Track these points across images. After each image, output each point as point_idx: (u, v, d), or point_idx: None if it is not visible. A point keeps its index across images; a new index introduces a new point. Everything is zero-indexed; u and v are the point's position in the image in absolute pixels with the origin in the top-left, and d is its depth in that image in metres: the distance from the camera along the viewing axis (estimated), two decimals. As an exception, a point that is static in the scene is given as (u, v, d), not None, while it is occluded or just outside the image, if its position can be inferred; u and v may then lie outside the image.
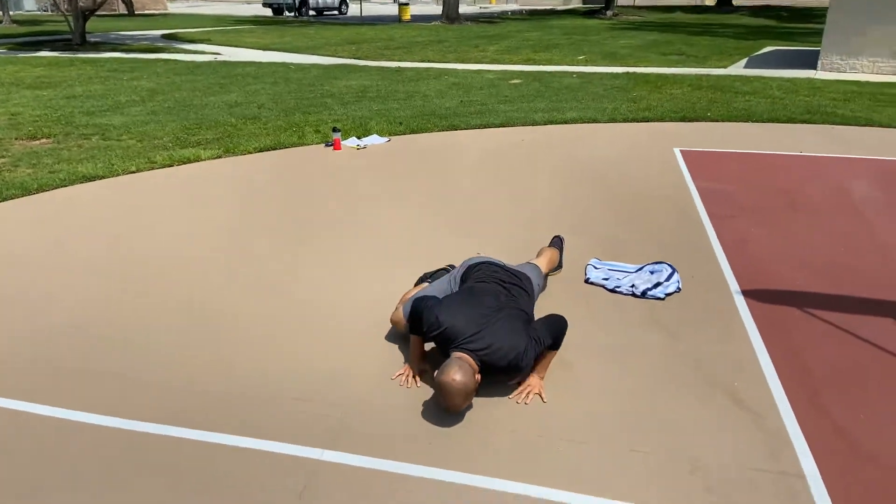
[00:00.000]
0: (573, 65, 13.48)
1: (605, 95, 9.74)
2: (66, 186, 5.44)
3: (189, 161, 6.24)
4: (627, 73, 12.03)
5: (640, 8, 40.19)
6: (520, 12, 39.36)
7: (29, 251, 4.20)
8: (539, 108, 8.80)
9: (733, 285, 3.71)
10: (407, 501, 2.16)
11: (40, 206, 5.03)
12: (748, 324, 3.28)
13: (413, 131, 7.51)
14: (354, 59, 14.79)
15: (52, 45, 16.45)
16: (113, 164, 5.98)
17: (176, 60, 14.04)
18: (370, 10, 40.82)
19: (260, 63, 13.78)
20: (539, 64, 13.71)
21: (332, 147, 6.75)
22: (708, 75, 11.59)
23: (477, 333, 2.62)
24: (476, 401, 2.67)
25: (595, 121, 8.13)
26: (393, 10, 39.16)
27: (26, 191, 5.27)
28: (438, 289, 3.11)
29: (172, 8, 41.61)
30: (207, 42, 18.22)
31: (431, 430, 2.51)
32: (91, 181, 5.61)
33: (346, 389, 2.75)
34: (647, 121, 8.14)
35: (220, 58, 14.68)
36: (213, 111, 8.64)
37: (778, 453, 2.36)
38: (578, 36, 20.17)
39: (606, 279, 3.71)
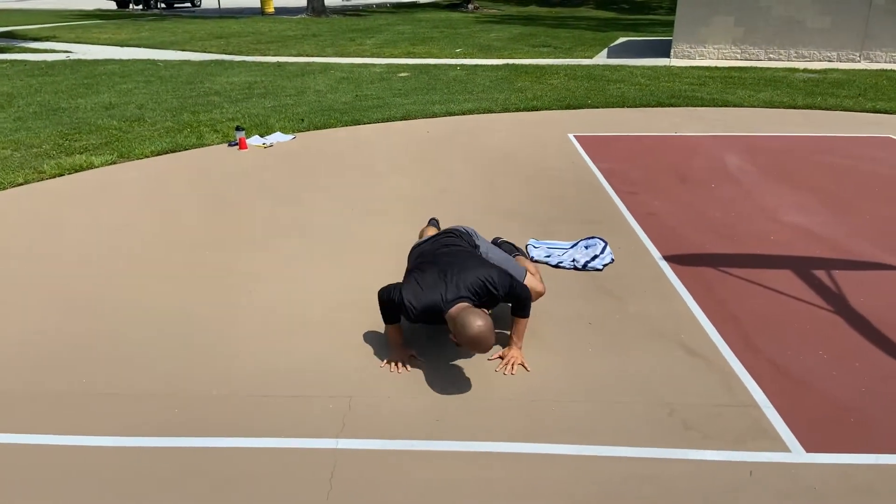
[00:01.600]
0: (452, 57, 13.85)
1: (493, 87, 10.16)
2: (-56, 203, 4.87)
3: (81, 168, 5.79)
4: (507, 64, 12.58)
5: (496, 1, 41.70)
6: (385, 5, 39.41)
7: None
8: (434, 100, 9.02)
9: (655, 252, 4.16)
10: (427, 473, 2.29)
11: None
12: (677, 284, 3.71)
13: (317, 127, 7.44)
14: (226, 54, 14.19)
15: None
16: (-6, 177, 5.43)
17: (24, 61, 12.71)
18: (227, 2, 38.96)
19: (122, 60, 12.84)
20: (420, 57, 13.93)
21: (237, 147, 6.54)
22: (579, 65, 12.42)
23: (454, 289, 2.77)
24: (467, 378, 2.84)
25: (490, 111, 8.49)
26: (252, 2, 37.66)
27: None
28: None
29: (-6, 1, 37.15)
30: (54, 39, 16.61)
31: (433, 408, 2.64)
32: (-28, 196, 5.07)
33: (339, 381, 2.81)
34: (537, 109, 8.63)
35: (72, 56, 13.48)
36: (87, 114, 8.00)
37: (732, 389, 2.75)
38: (449, 29, 20.65)
39: (548, 256, 4.01)
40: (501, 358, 2.95)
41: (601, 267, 3.89)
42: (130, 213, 4.80)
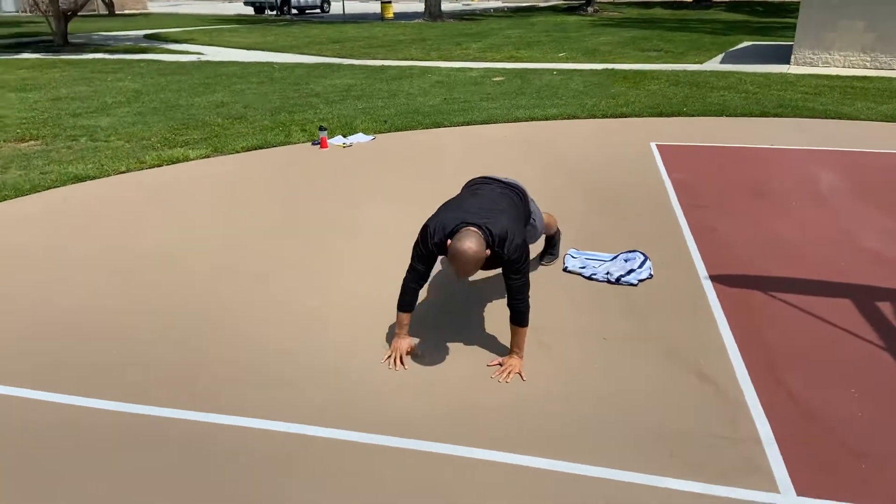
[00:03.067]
0: (554, 62, 13.70)
1: (585, 92, 9.96)
2: (58, 187, 5.55)
3: (178, 161, 6.37)
4: (607, 69, 12.27)
5: (619, 4, 40.56)
6: (502, 9, 39.59)
7: (27, 249, 4.33)
8: (521, 104, 9.00)
9: (702, 271, 3.94)
10: (400, 472, 2.35)
11: (34, 206, 5.14)
12: (714, 305, 3.50)
13: (398, 129, 7.68)
14: (338, 57, 14.91)
15: (34, 47, 16.38)
16: (103, 165, 6.10)
17: (160, 61, 14.07)
18: (352, 8, 40.81)
19: (244, 63, 13.86)
20: (521, 61, 13.91)
21: (318, 146, 6.90)
22: (684, 71, 11.86)
23: (482, 215, 2.78)
24: (460, 381, 2.87)
25: (575, 117, 8.35)
26: (376, 7, 39.15)
27: (19, 191, 5.38)
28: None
29: (153, 7, 41.30)
30: (191, 42, 18.22)
31: (421, 410, 2.69)
32: (82, 181, 5.73)
33: (336, 375, 2.93)
34: (626, 116, 8.37)
35: (203, 58, 14.72)
36: (199, 111, 8.75)
37: (737, 421, 2.57)
38: (559, 33, 20.41)
39: (583, 267, 3.92)
40: (501, 365, 2.95)
41: (636, 282, 3.75)
42: (204, 202, 5.21)
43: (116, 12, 32.65)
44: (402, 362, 2.97)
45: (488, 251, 2.68)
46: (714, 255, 4.15)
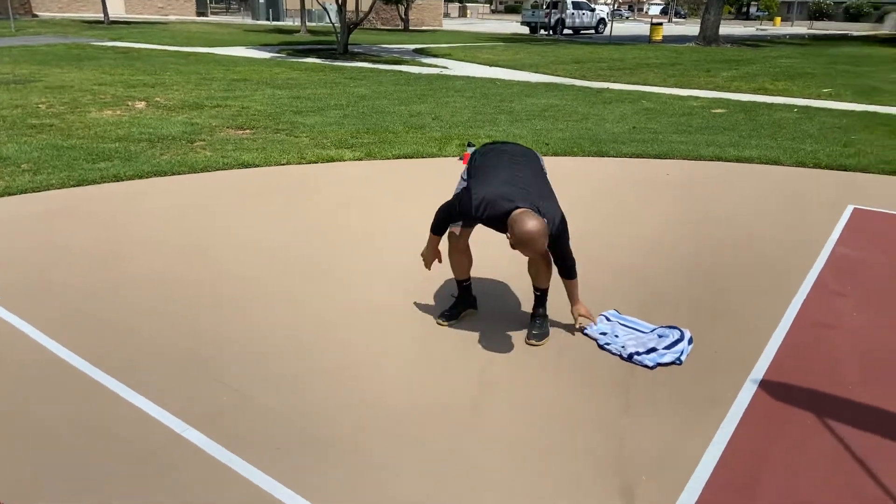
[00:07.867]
0: (810, 98, 11.74)
1: (814, 135, 8.36)
2: (223, 170, 6.45)
3: (331, 160, 6.93)
4: (868, 111, 10.12)
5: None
6: (802, 36, 35.19)
7: (142, 222, 5.11)
8: (718, 142, 7.91)
9: (757, 372, 3.04)
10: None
11: (186, 182, 6.03)
12: (731, 416, 2.68)
13: (555, 154, 7.34)
14: (569, 77, 14.73)
15: (319, 54, 19.24)
16: (271, 156, 6.92)
17: (405, 72, 15.41)
18: (635, 29, 39.93)
19: (473, 78, 14.48)
20: (770, 94, 12.22)
21: (461, 161, 6.93)
22: (982, 122, 9.21)
23: (522, 195, 2.92)
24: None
25: (776, 162, 7.08)
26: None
27: (192, 169, 6.37)
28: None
29: (448, 24, 45.39)
30: (447, 57, 19.61)
31: (295, 452, 2.56)
32: (246, 167, 6.56)
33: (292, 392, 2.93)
34: (846, 169, 6.84)
35: (444, 71, 15.73)
36: (391, 119, 9.38)
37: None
38: (846, 66, 17.40)
39: (604, 333, 3.31)
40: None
41: (651, 364, 3.04)
42: (315, 200, 5.59)
43: (411, 28, 36.61)
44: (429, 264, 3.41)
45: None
46: (794, 358, 3.17)
